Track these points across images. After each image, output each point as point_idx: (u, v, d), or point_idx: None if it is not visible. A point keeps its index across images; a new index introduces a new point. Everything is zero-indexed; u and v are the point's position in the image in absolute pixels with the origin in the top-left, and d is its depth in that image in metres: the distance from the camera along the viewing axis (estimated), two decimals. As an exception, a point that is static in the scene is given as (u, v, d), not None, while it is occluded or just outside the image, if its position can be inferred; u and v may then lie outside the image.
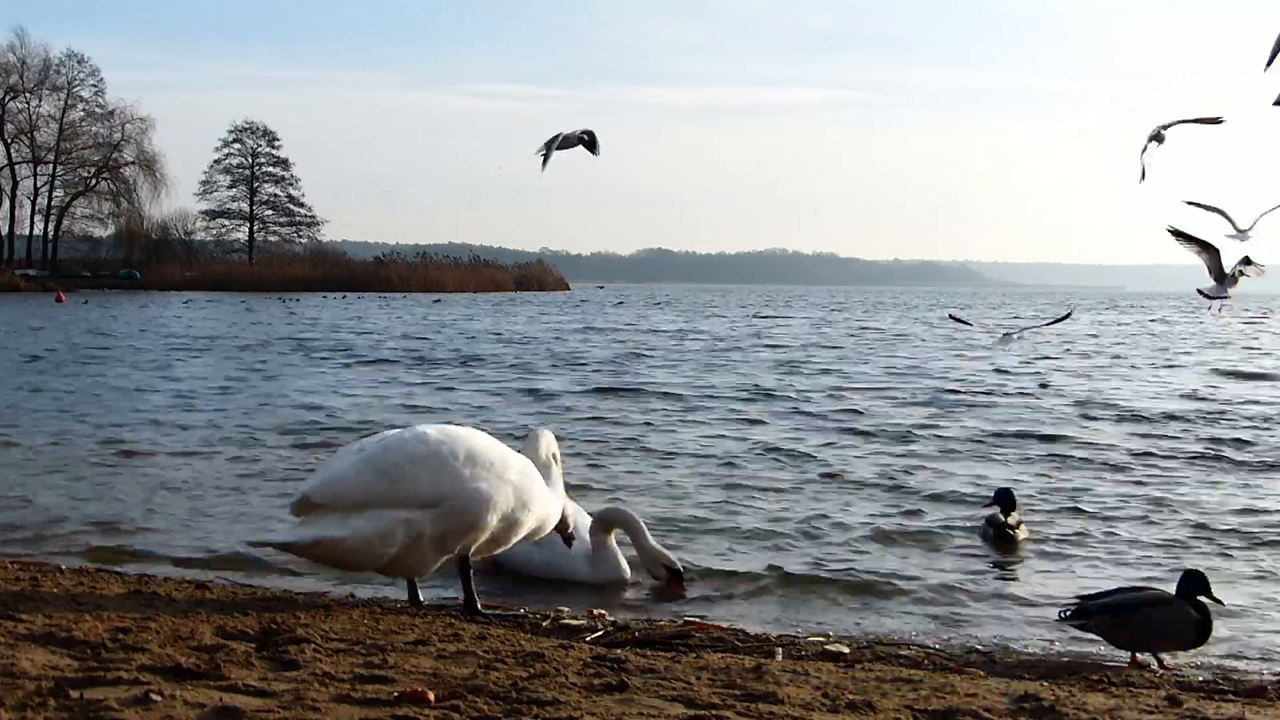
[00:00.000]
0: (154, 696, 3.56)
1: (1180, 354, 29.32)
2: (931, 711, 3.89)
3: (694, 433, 13.28)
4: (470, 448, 5.37)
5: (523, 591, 6.57)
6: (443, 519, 5.25)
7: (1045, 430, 13.71)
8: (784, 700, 3.95)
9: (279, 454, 11.37)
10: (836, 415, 15.04)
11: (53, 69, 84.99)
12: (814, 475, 10.49)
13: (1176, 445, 12.68)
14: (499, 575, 6.84)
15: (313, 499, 5.24)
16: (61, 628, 4.51)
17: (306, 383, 19.13)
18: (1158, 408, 16.18)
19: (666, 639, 5.27)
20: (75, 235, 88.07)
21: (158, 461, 10.87)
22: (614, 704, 3.79)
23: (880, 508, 9.10)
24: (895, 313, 63.74)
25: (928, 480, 10.30)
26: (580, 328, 40.00)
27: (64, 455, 11.09)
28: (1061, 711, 4.01)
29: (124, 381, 18.78)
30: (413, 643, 4.64)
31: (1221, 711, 4.23)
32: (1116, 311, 72.58)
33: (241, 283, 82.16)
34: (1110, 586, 6.93)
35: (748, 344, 31.62)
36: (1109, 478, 10.64)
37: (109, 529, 7.95)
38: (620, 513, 6.86)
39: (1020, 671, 5.05)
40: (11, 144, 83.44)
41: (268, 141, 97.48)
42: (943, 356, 26.98)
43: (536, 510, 5.56)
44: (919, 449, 12.26)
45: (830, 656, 5.12)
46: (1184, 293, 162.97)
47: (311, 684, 3.84)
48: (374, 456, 5.29)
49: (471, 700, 3.73)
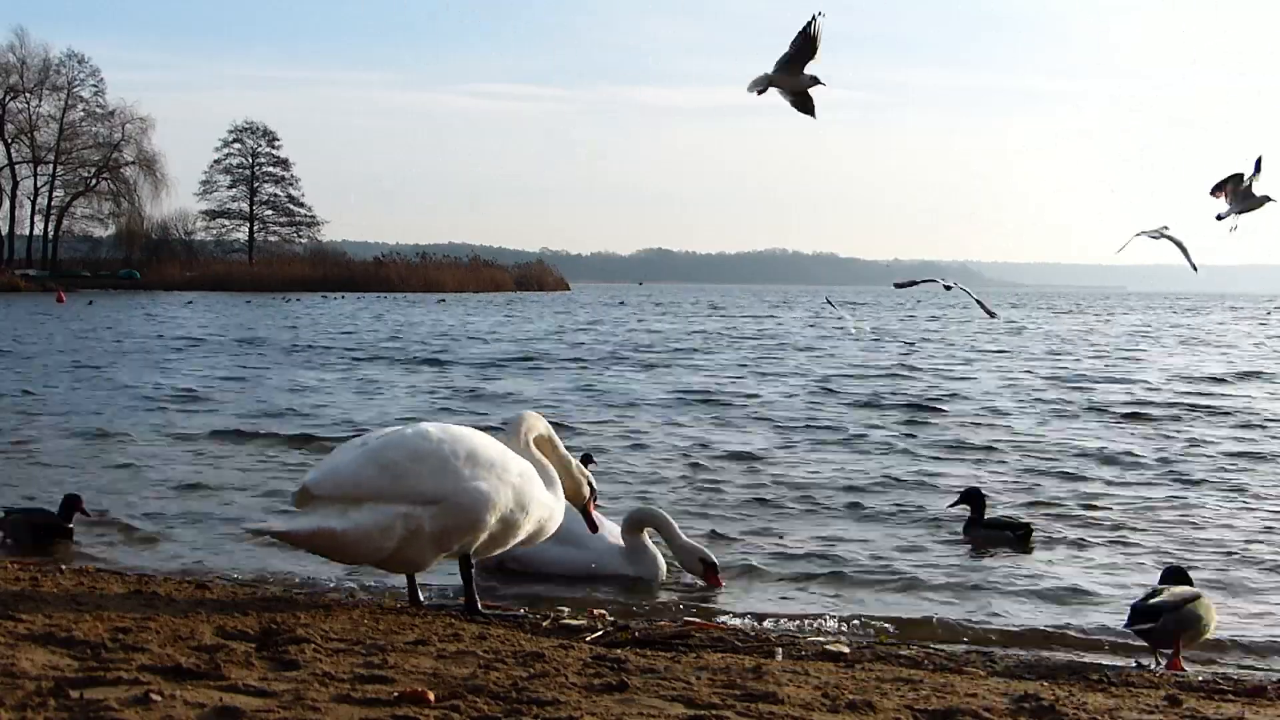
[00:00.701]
0: (154, 696, 3.56)
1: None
2: (931, 711, 3.89)
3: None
4: (471, 447, 5.38)
5: (522, 591, 6.58)
6: (442, 517, 5.26)
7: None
8: (784, 700, 3.95)
9: (293, 454, 11.39)
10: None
11: (53, 69, 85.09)
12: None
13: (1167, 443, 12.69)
14: (528, 577, 6.84)
15: (313, 491, 5.25)
16: (61, 628, 4.51)
17: (326, 385, 19.14)
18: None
19: (666, 639, 5.27)
20: (75, 235, 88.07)
21: (161, 458, 10.88)
22: (614, 704, 3.79)
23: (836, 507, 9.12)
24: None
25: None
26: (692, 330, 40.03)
27: (65, 455, 11.10)
28: (1061, 711, 4.01)
29: (137, 380, 18.80)
30: (413, 643, 4.63)
31: (1221, 711, 4.23)
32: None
33: (241, 283, 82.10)
34: (1107, 583, 6.97)
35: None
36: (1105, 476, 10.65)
37: (109, 526, 7.97)
38: (651, 512, 7.06)
39: (1020, 671, 5.05)
40: (11, 144, 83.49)
41: (268, 141, 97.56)
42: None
43: (535, 513, 5.55)
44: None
45: (830, 656, 5.12)
46: (1185, 292, 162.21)
47: (311, 684, 3.84)
48: (375, 451, 5.30)
49: (471, 700, 3.73)
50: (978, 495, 8.22)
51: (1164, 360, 27.27)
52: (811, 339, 35.00)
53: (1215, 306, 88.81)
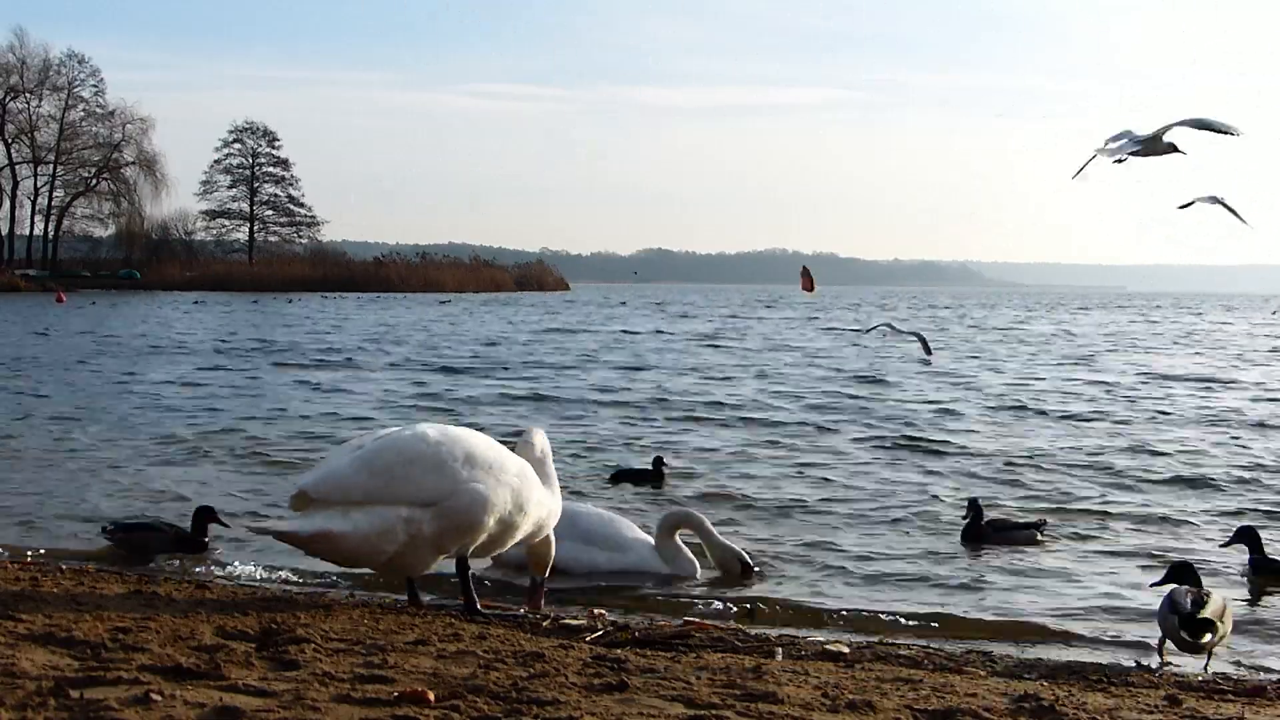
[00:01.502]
0: (154, 696, 3.56)
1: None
2: (931, 711, 3.89)
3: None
4: (469, 449, 5.36)
5: (521, 591, 6.57)
6: (440, 518, 5.25)
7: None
8: (784, 700, 3.95)
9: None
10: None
11: (53, 69, 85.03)
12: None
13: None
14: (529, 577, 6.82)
15: (311, 494, 5.23)
16: (61, 628, 4.51)
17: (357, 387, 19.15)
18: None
19: (666, 639, 5.26)
20: (75, 235, 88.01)
21: (161, 458, 10.88)
22: (614, 704, 3.79)
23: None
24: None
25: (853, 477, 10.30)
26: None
27: (66, 455, 11.09)
28: (1061, 711, 4.01)
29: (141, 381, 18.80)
30: (413, 643, 4.63)
31: (1221, 711, 4.23)
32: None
33: (241, 283, 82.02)
34: (1108, 583, 6.96)
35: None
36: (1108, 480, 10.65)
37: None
38: (686, 514, 7.26)
39: (1020, 671, 5.05)
40: (12, 144, 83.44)
41: (268, 141, 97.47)
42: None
43: (534, 513, 5.55)
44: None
45: (830, 656, 5.11)
46: (1184, 293, 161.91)
47: (311, 684, 3.84)
48: (371, 454, 5.28)
49: (471, 700, 3.72)
50: (975, 504, 8.10)
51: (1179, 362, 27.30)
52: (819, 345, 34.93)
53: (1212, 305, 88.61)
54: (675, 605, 6.41)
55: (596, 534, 6.97)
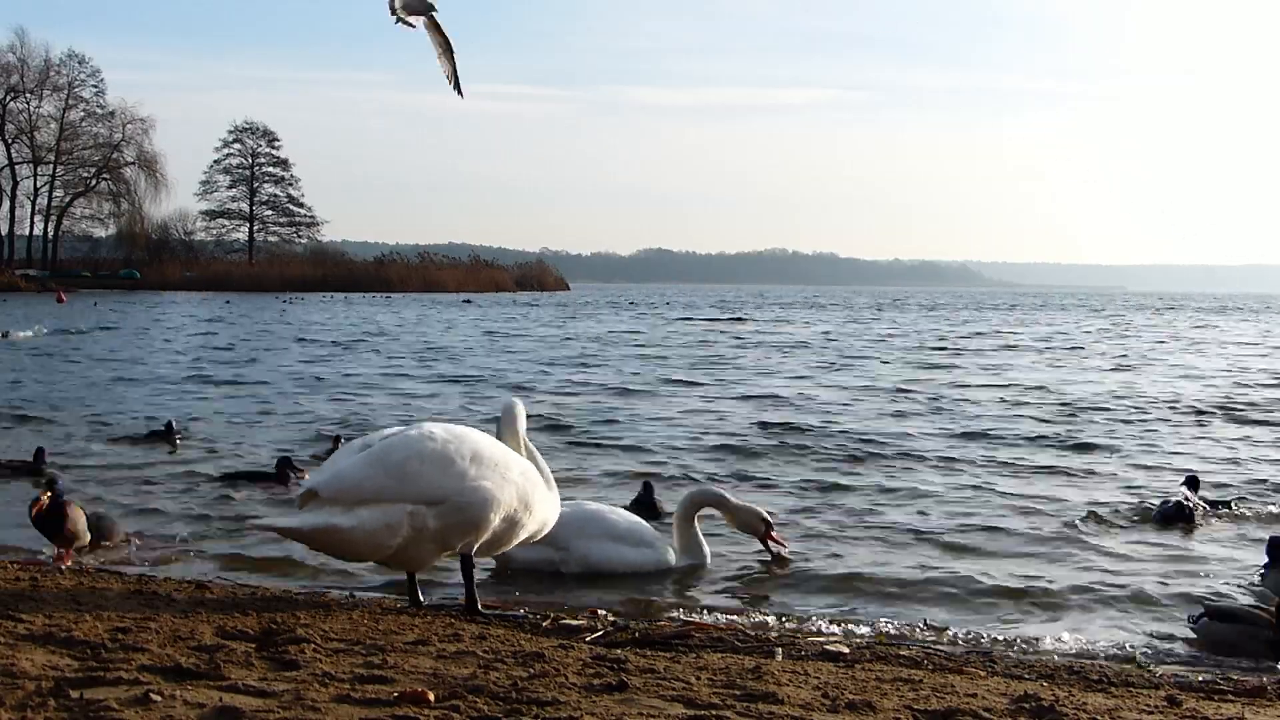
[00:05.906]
0: (154, 696, 3.56)
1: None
2: (931, 711, 3.89)
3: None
4: (476, 448, 5.39)
5: (522, 591, 6.58)
6: (446, 516, 5.27)
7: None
8: (784, 700, 3.95)
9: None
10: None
11: (53, 69, 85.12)
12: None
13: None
14: (529, 577, 6.83)
15: (320, 493, 5.26)
16: (61, 628, 4.51)
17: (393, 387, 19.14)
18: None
19: (666, 639, 5.27)
20: (75, 235, 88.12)
21: (163, 458, 10.88)
22: (614, 704, 3.79)
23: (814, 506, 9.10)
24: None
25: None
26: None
27: (68, 454, 11.09)
28: (1061, 711, 4.01)
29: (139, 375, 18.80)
30: (413, 643, 4.64)
31: (1221, 711, 4.23)
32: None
33: (241, 283, 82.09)
34: (1108, 583, 6.95)
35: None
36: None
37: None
38: (707, 491, 7.46)
39: (1020, 671, 5.04)
40: (12, 144, 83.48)
41: (268, 141, 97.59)
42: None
43: (537, 512, 5.60)
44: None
45: (830, 656, 5.11)
46: (1184, 293, 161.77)
47: (311, 684, 3.84)
48: (381, 453, 5.31)
49: (471, 700, 3.72)
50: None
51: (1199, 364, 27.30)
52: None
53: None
54: (675, 605, 6.41)
55: (628, 532, 7.01)
